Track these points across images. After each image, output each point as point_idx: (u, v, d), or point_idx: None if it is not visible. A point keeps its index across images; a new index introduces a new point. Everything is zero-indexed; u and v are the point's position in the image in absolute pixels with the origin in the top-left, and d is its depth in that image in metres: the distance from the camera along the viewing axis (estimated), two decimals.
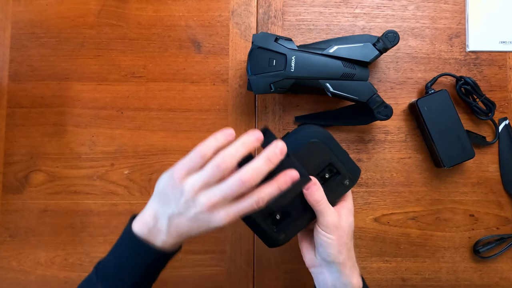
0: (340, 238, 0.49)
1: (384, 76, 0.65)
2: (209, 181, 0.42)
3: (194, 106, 0.64)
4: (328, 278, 0.51)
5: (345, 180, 0.51)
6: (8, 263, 0.63)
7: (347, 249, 0.50)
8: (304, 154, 0.48)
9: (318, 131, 0.51)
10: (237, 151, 0.43)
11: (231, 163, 0.42)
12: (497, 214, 0.64)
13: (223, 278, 0.63)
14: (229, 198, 0.43)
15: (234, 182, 0.42)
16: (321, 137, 0.50)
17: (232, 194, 0.42)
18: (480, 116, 0.63)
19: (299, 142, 0.48)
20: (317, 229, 0.50)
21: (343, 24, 0.65)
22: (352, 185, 0.51)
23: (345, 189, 0.51)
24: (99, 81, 0.64)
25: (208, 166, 0.42)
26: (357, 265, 0.52)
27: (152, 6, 0.65)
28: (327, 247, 0.49)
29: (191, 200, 0.42)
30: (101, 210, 0.63)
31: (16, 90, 0.64)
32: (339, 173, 0.51)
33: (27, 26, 0.65)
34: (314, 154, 0.49)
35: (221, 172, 0.42)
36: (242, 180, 0.41)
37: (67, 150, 0.64)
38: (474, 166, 0.64)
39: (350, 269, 0.51)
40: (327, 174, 0.51)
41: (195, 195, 0.42)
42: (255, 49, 0.57)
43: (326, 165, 0.50)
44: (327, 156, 0.50)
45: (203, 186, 0.42)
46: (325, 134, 0.51)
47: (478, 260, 0.64)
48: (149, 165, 0.63)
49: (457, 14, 0.66)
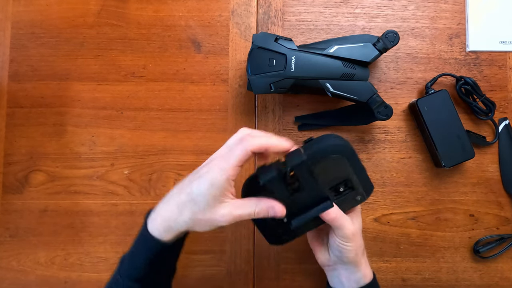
0: (356, 243, 0.51)
1: (384, 76, 0.65)
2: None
3: (194, 106, 0.64)
4: (343, 274, 0.53)
5: (358, 196, 0.51)
6: (8, 263, 0.63)
7: (362, 249, 0.53)
8: (324, 166, 0.48)
9: (343, 145, 0.49)
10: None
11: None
12: (497, 214, 0.64)
13: (223, 278, 0.63)
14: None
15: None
16: (345, 152, 0.49)
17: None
18: (480, 116, 0.63)
19: (321, 153, 0.47)
20: (334, 238, 0.51)
21: (343, 24, 0.65)
22: (363, 200, 0.51)
23: (355, 203, 0.51)
24: (99, 81, 0.64)
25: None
26: (367, 259, 0.54)
27: (152, 6, 0.65)
28: (345, 253, 0.51)
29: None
30: (101, 210, 0.63)
31: (16, 90, 0.64)
32: (353, 189, 0.50)
33: (27, 26, 0.65)
34: (334, 168, 0.49)
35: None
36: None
37: (67, 150, 0.64)
38: (474, 166, 0.64)
39: (365, 264, 0.53)
40: (341, 188, 0.50)
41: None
42: (255, 49, 0.57)
43: (343, 180, 0.50)
44: (346, 172, 0.49)
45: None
46: (348, 149, 0.49)
47: (478, 260, 0.64)
48: (149, 165, 0.63)
49: (457, 14, 0.66)
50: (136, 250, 0.47)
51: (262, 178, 0.46)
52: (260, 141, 0.44)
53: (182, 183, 0.47)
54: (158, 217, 0.46)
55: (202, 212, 0.44)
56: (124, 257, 0.49)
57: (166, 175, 0.63)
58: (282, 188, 0.47)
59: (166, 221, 0.45)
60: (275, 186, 0.47)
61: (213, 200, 0.44)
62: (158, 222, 0.45)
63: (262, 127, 0.64)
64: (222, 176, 0.43)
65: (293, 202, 0.48)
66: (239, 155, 0.44)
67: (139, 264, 0.46)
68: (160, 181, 0.63)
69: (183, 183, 0.47)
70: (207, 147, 0.64)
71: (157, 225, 0.46)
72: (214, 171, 0.43)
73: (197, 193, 0.44)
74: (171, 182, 0.63)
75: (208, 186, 0.43)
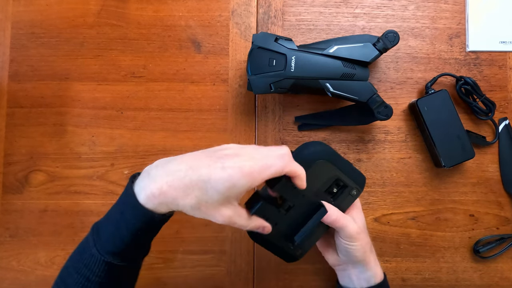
0: (362, 241, 0.51)
1: (384, 76, 0.65)
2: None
3: (194, 106, 0.64)
4: (353, 273, 0.53)
5: (353, 190, 0.53)
6: (8, 263, 0.63)
7: (370, 246, 0.53)
8: (312, 174, 0.49)
9: (322, 150, 0.52)
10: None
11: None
12: (497, 214, 0.64)
13: (223, 278, 0.63)
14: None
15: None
16: (325, 155, 0.51)
17: None
18: (480, 116, 0.63)
19: (305, 163, 0.48)
20: (339, 239, 0.52)
21: (343, 24, 0.65)
22: (359, 193, 0.54)
23: (353, 199, 0.54)
24: (99, 81, 0.64)
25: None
26: (376, 256, 0.55)
27: (152, 6, 0.65)
28: (352, 252, 0.51)
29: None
30: (101, 210, 0.63)
31: (16, 90, 0.64)
32: (346, 186, 0.52)
33: (27, 26, 0.65)
34: (321, 173, 0.51)
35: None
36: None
37: (67, 150, 0.64)
38: (474, 166, 0.64)
39: (374, 262, 0.53)
40: (335, 188, 0.52)
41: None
42: (255, 49, 0.57)
43: (333, 181, 0.52)
44: (333, 173, 0.51)
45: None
46: (328, 151, 0.52)
47: (478, 260, 0.64)
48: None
49: (457, 14, 0.66)
50: (121, 220, 0.42)
51: (251, 210, 0.48)
52: (297, 168, 0.44)
53: (194, 157, 0.42)
54: (154, 188, 0.40)
55: (207, 205, 0.41)
56: (100, 226, 0.44)
57: None
58: (274, 211, 0.49)
59: (165, 197, 0.40)
60: (266, 212, 0.48)
61: (224, 200, 0.41)
62: (155, 193, 0.40)
63: (262, 127, 0.64)
64: (247, 184, 0.41)
65: (291, 219, 0.51)
66: (274, 172, 0.42)
67: (125, 236, 0.41)
68: None
69: (195, 157, 0.42)
70: (207, 147, 0.63)
71: (151, 196, 0.40)
72: (242, 174, 0.40)
73: (213, 186, 0.40)
74: None
75: (228, 187, 0.40)
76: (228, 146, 0.44)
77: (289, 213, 0.50)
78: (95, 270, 0.42)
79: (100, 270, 0.42)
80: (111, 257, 0.42)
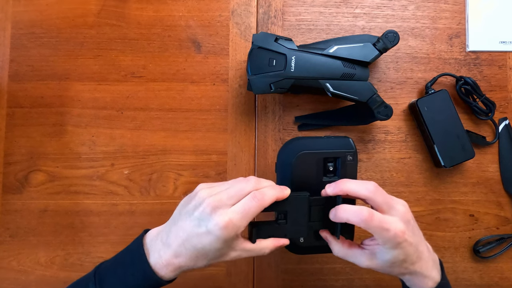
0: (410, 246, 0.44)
1: (384, 76, 0.65)
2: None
3: (194, 106, 0.64)
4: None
5: (347, 157, 0.51)
6: (8, 263, 0.63)
7: (419, 252, 0.45)
8: (299, 169, 0.50)
9: (295, 144, 0.53)
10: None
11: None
12: (497, 214, 0.64)
13: (223, 278, 0.63)
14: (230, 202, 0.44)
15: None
16: (300, 146, 0.52)
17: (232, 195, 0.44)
18: (480, 116, 0.63)
19: (287, 165, 0.50)
20: (380, 250, 0.45)
21: (343, 24, 0.65)
22: (355, 156, 0.52)
23: (354, 164, 0.52)
24: (99, 81, 0.64)
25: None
26: (434, 253, 0.49)
27: (152, 6, 0.65)
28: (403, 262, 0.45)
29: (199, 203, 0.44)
30: (101, 210, 0.63)
31: (16, 90, 0.64)
32: (337, 157, 0.51)
33: (27, 26, 0.65)
34: (308, 163, 0.51)
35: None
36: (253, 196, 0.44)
37: (67, 150, 0.64)
38: (474, 166, 0.64)
39: (430, 267, 0.47)
40: (330, 167, 0.51)
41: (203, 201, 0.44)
42: (255, 49, 0.57)
43: (323, 161, 0.51)
44: (316, 156, 0.51)
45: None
46: (301, 142, 0.53)
47: (478, 260, 0.64)
48: (149, 165, 0.63)
49: (457, 14, 0.66)
50: (131, 280, 0.45)
51: (252, 240, 0.47)
52: (272, 197, 0.45)
53: (182, 229, 0.44)
54: (168, 265, 0.44)
55: (217, 258, 0.45)
56: (104, 275, 0.46)
57: (166, 175, 0.63)
58: (274, 227, 0.49)
59: (180, 269, 0.45)
60: (268, 232, 0.48)
61: (227, 249, 0.44)
62: (170, 269, 0.44)
63: (262, 127, 0.64)
64: (236, 233, 0.43)
65: (296, 223, 0.49)
66: (254, 213, 0.44)
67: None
68: (160, 181, 0.63)
69: (184, 229, 0.44)
70: (207, 147, 0.64)
71: (167, 271, 0.44)
72: (230, 229, 0.42)
73: (212, 249, 0.43)
74: (171, 182, 0.63)
75: (223, 243, 0.43)
76: (199, 196, 0.45)
77: (291, 218, 0.48)
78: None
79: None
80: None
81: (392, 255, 0.44)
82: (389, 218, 0.44)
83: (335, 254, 0.49)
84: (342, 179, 0.47)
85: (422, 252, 0.46)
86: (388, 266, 0.45)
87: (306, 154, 0.51)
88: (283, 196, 0.46)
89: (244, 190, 0.45)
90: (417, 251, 0.45)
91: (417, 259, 0.45)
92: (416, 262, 0.45)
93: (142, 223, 0.63)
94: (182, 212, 0.46)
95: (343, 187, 0.45)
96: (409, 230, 0.44)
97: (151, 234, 0.47)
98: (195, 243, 0.43)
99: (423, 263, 0.46)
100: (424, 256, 0.46)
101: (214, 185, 0.46)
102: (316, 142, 0.52)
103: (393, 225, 0.43)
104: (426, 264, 0.46)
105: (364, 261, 0.46)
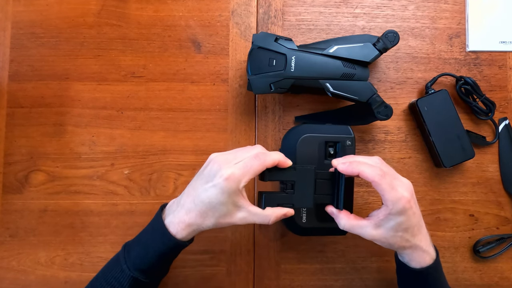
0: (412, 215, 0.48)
1: (384, 76, 0.65)
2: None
3: (194, 106, 0.64)
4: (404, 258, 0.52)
5: (346, 142, 0.57)
6: (8, 263, 0.63)
7: (420, 225, 0.50)
8: (303, 151, 0.56)
9: (300, 128, 0.58)
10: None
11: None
12: (497, 214, 0.64)
13: (223, 278, 0.63)
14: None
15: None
16: (305, 130, 0.58)
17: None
18: (480, 116, 0.63)
19: (292, 147, 0.56)
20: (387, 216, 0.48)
21: (343, 24, 0.65)
22: (353, 141, 0.57)
23: (352, 149, 0.57)
24: (99, 81, 0.64)
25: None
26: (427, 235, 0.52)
27: (152, 6, 0.65)
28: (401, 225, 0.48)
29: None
30: (101, 210, 0.63)
31: (16, 90, 0.64)
32: (337, 142, 0.57)
33: (27, 26, 0.65)
34: (310, 146, 0.57)
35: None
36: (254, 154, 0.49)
37: (67, 150, 0.64)
38: (474, 166, 0.64)
39: (428, 242, 0.51)
40: (331, 150, 0.57)
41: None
42: (255, 49, 0.57)
43: (324, 145, 0.57)
44: (318, 140, 0.57)
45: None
46: (306, 127, 0.58)
47: (478, 260, 0.64)
48: (149, 165, 0.63)
49: (457, 14, 0.66)
50: (151, 243, 0.50)
51: (261, 206, 0.51)
52: (274, 157, 0.50)
53: (192, 187, 0.50)
54: (180, 222, 0.49)
55: (223, 217, 0.48)
56: (130, 246, 0.51)
57: (166, 175, 0.63)
58: (282, 196, 0.53)
59: (190, 226, 0.48)
60: (277, 200, 0.52)
61: (233, 206, 0.48)
62: (181, 227, 0.48)
63: (262, 127, 0.64)
64: (239, 186, 0.47)
65: (305, 194, 0.54)
66: (256, 169, 0.48)
67: (152, 257, 0.49)
68: (160, 181, 0.63)
69: (193, 187, 0.50)
70: (207, 147, 0.64)
71: (179, 229, 0.48)
72: (232, 181, 0.47)
73: (217, 202, 0.47)
74: (171, 182, 0.63)
75: (227, 196, 0.47)
76: (212, 159, 0.50)
77: (298, 188, 0.53)
78: (123, 283, 0.49)
79: (126, 283, 0.49)
80: (138, 274, 0.49)
81: (396, 221, 0.48)
82: (398, 182, 0.48)
83: (341, 227, 0.52)
84: (351, 156, 0.53)
85: (422, 226, 0.51)
86: (391, 235, 0.49)
87: (309, 137, 0.57)
88: (285, 162, 0.51)
89: (250, 153, 0.49)
90: (419, 224, 0.50)
91: (418, 231, 0.49)
92: (417, 234, 0.49)
93: (142, 223, 0.62)
94: (195, 177, 0.51)
95: (357, 169, 0.49)
96: (413, 200, 0.49)
97: (170, 201, 0.52)
98: (203, 198, 0.47)
99: (423, 237, 0.50)
100: (424, 231, 0.51)
101: (224, 152, 0.51)
102: (319, 128, 0.58)
103: (400, 189, 0.48)
104: (425, 238, 0.51)
105: (369, 231, 0.49)
